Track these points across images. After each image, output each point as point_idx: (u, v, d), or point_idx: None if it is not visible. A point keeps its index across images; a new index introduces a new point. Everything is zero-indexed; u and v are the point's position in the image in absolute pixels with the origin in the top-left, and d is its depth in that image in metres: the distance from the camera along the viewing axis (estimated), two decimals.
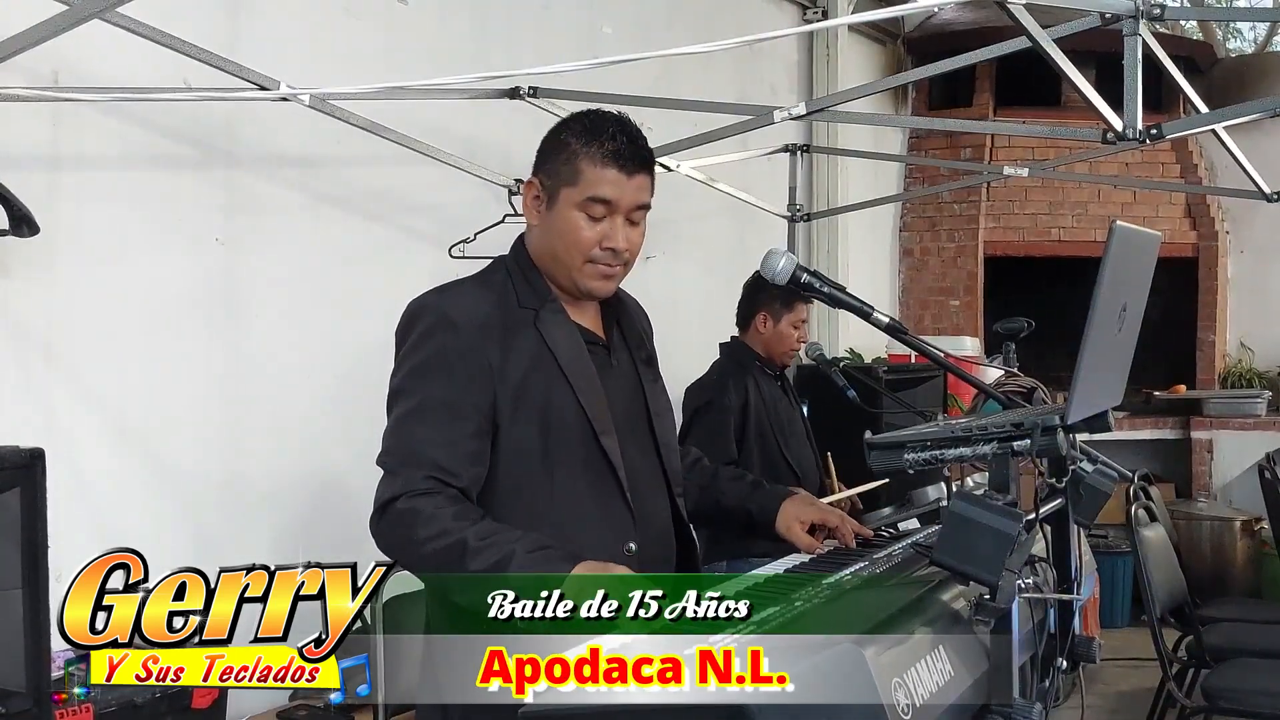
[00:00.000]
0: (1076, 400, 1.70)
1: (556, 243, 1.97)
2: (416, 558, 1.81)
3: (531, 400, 1.93)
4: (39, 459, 2.34)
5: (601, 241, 1.95)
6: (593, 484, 1.95)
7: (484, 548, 1.76)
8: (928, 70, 4.49)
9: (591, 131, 1.95)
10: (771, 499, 2.22)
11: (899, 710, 1.36)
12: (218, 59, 3.21)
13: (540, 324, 1.97)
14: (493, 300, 1.97)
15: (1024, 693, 1.66)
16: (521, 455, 1.92)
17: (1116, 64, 3.15)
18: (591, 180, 1.93)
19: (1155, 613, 4.20)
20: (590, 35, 5.01)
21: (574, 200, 1.94)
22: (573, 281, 1.99)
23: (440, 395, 1.89)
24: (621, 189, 1.94)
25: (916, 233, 7.66)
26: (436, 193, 4.30)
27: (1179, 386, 7.46)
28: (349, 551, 1.68)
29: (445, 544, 1.78)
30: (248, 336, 3.75)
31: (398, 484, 1.85)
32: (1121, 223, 1.68)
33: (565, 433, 1.94)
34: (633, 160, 1.95)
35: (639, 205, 1.97)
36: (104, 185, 3.37)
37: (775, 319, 3.82)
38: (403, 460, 1.87)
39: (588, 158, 1.93)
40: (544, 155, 2.00)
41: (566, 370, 1.95)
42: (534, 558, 1.74)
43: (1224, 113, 3.90)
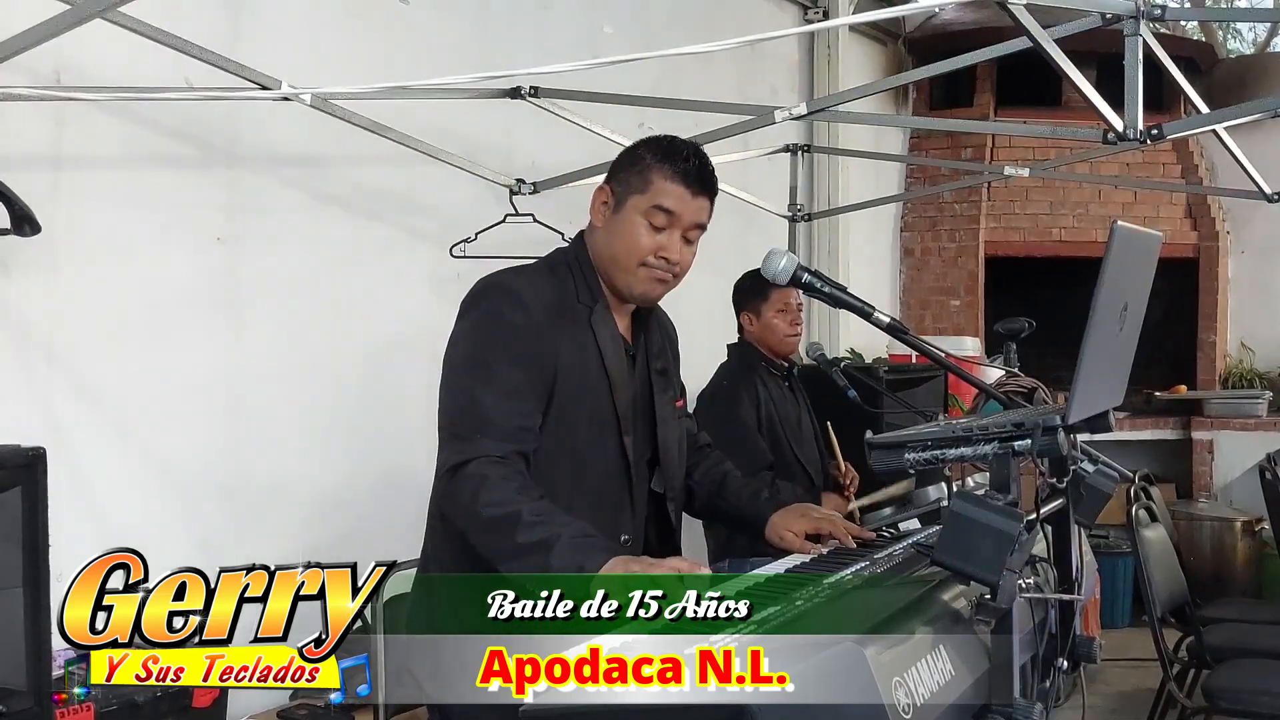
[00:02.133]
0: (1077, 400, 1.70)
1: (617, 244, 2.10)
2: (473, 518, 1.90)
3: (575, 390, 2.05)
4: (40, 458, 2.34)
5: (658, 250, 2.08)
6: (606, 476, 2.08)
7: (535, 524, 1.84)
8: (928, 70, 4.49)
9: (669, 151, 2.10)
10: (765, 507, 2.31)
11: (899, 710, 1.36)
12: (219, 58, 3.21)
13: (593, 322, 2.09)
14: (556, 289, 2.10)
15: (1024, 693, 1.66)
16: (555, 438, 2.03)
17: (1117, 64, 3.15)
18: (660, 190, 2.07)
19: (1156, 613, 4.20)
20: (591, 35, 5.01)
21: (640, 207, 2.08)
22: (627, 284, 2.11)
23: (509, 370, 1.99)
24: (685, 204, 2.08)
25: (917, 233, 7.66)
26: (437, 193, 4.30)
27: (1180, 387, 7.46)
28: (349, 551, 1.68)
29: (502, 512, 1.86)
30: (248, 336, 3.75)
31: (472, 449, 1.94)
32: (1122, 223, 1.68)
33: (597, 426, 2.07)
34: (700, 183, 2.10)
35: (697, 224, 2.12)
36: (105, 184, 3.37)
37: (757, 314, 3.80)
38: (475, 428, 1.96)
39: (660, 171, 2.08)
40: (618, 166, 2.14)
41: (609, 370, 2.08)
42: (576, 543, 1.81)
43: (1224, 113, 3.90)
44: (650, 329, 2.24)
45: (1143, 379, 7.20)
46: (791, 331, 3.83)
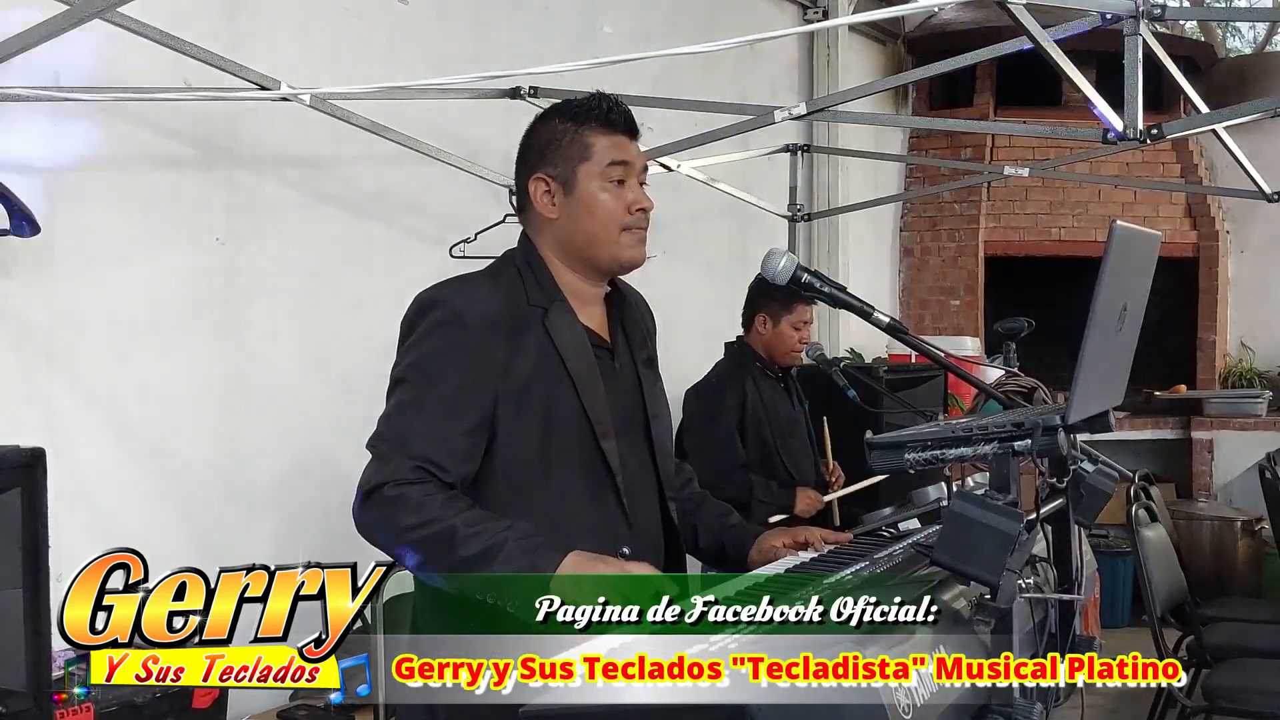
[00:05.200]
0: (1077, 400, 1.70)
1: (589, 221, 1.98)
2: (404, 544, 1.79)
3: (535, 400, 1.92)
4: (39, 459, 2.34)
5: (631, 205, 1.98)
6: (590, 487, 1.95)
7: (473, 535, 1.75)
8: (928, 70, 4.49)
9: (582, 108, 1.99)
10: (746, 535, 2.20)
11: (899, 710, 1.36)
12: (218, 59, 3.21)
13: (548, 323, 1.96)
14: (503, 296, 1.96)
15: (1024, 693, 1.66)
16: (521, 455, 1.92)
17: (1117, 64, 3.15)
18: (605, 147, 1.97)
19: (1156, 612, 4.20)
20: (590, 35, 5.01)
21: (594, 173, 1.97)
22: (613, 256, 2.00)
23: (441, 389, 1.88)
24: (629, 150, 1.99)
25: (917, 232, 7.66)
26: (436, 193, 4.30)
27: (1179, 386, 7.46)
28: (350, 551, 1.68)
29: (434, 531, 1.77)
30: (248, 336, 3.75)
31: (386, 470, 1.83)
32: (1121, 222, 1.68)
33: (566, 435, 1.93)
34: (628, 125, 2.00)
35: (644, 166, 2.02)
36: (105, 185, 3.37)
37: (774, 320, 3.82)
38: (394, 448, 1.85)
39: (591, 130, 1.97)
40: (538, 151, 2.01)
41: (572, 372, 1.94)
42: (524, 545, 1.74)
43: (1224, 113, 3.90)
44: (628, 316, 2.11)
45: (1143, 379, 7.19)
46: (800, 348, 3.90)
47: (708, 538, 2.23)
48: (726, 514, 2.27)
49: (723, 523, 2.24)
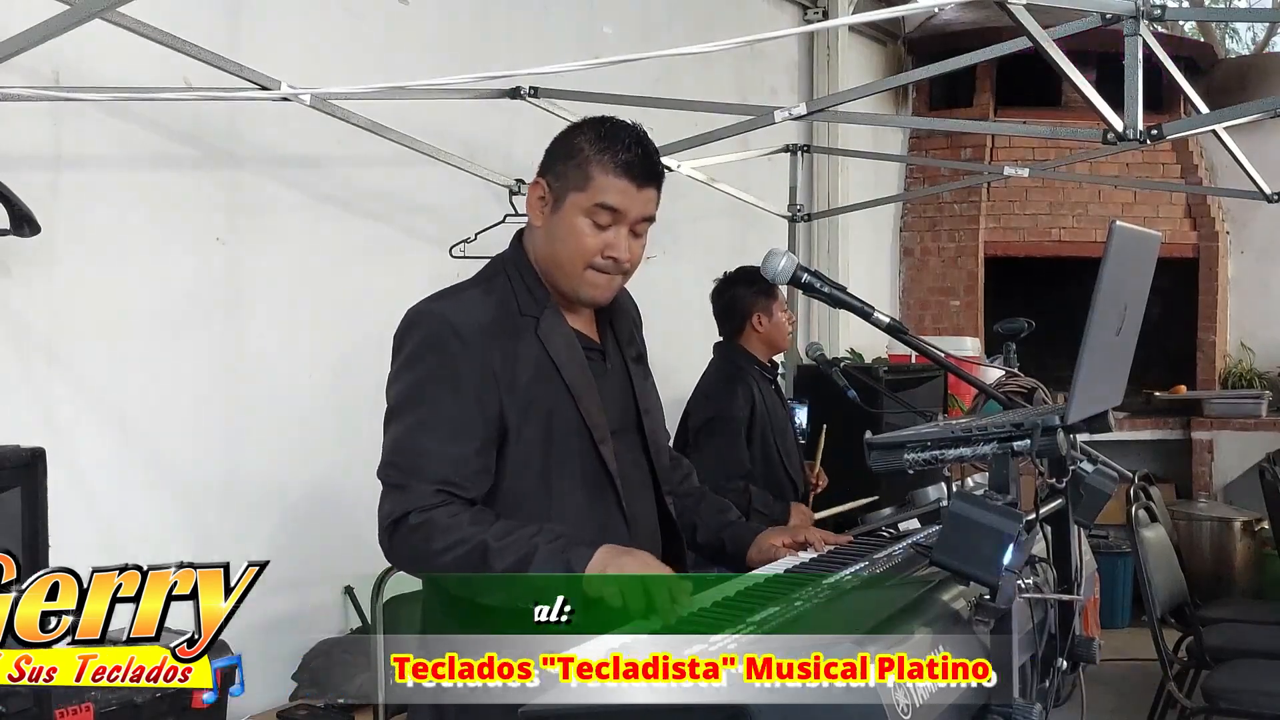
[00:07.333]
0: (1077, 400, 1.70)
1: (559, 247, 1.95)
2: (438, 568, 1.79)
3: (535, 409, 1.92)
4: (39, 458, 2.35)
5: (604, 250, 1.93)
6: (590, 492, 1.95)
7: (505, 547, 1.76)
8: (928, 70, 4.49)
9: (606, 139, 1.92)
10: (745, 533, 2.21)
11: (899, 710, 1.36)
12: (218, 59, 3.21)
13: (541, 333, 1.95)
14: (495, 306, 1.95)
15: (1024, 693, 1.66)
16: (523, 463, 1.92)
17: (1117, 64, 3.15)
18: (601, 187, 1.91)
19: (1156, 613, 4.20)
20: (590, 35, 5.01)
21: (581, 206, 1.92)
22: (572, 289, 1.97)
23: (447, 409, 1.87)
24: (630, 200, 1.92)
25: (917, 233, 7.66)
26: (436, 193, 4.30)
27: (1179, 387, 7.46)
28: (348, 550, 1.69)
29: (466, 550, 1.77)
30: (248, 336, 3.75)
31: (407, 499, 1.82)
32: (1121, 223, 1.68)
33: (566, 442, 1.93)
34: (645, 173, 1.93)
35: (645, 218, 1.95)
36: (105, 185, 3.37)
37: (768, 313, 3.84)
38: (411, 475, 1.84)
39: (600, 165, 1.91)
40: (554, 157, 1.97)
41: (568, 379, 1.94)
42: (554, 548, 1.75)
43: (1224, 113, 3.90)
44: (618, 316, 2.10)
45: (1143, 379, 7.20)
46: (791, 327, 3.91)
47: (706, 534, 2.23)
48: (725, 510, 2.28)
49: (721, 519, 2.25)
